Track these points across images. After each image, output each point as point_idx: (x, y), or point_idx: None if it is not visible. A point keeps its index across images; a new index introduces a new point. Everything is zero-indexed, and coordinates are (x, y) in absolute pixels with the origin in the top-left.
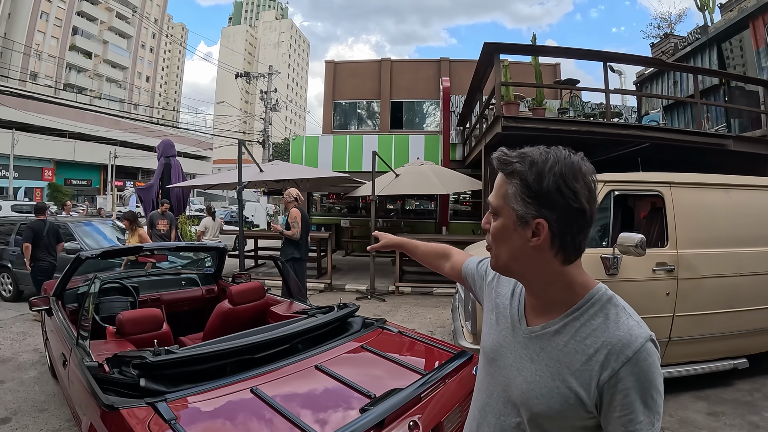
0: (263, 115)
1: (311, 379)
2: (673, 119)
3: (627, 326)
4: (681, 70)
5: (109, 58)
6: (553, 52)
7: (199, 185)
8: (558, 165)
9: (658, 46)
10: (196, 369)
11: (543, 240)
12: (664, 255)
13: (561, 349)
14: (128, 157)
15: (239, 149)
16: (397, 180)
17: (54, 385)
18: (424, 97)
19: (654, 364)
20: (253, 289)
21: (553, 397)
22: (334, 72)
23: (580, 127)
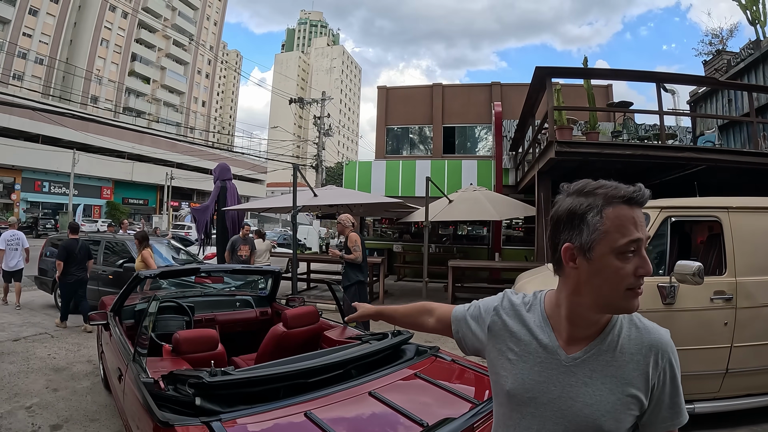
0: (316, 140)
1: (365, 405)
2: (729, 139)
3: (655, 329)
4: (735, 88)
5: (166, 83)
6: (604, 74)
7: (254, 208)
8: None
9: (710, 64)
10: (250, 391)
11: None
12: (722, 283)
13: (611, 365)
14: (184, 179)
15: (294, 173)
16: (450, 206)
17: (106, 396)
18: (475, 122)
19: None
20: (308, 314)
21: (618, 410)
22: (387, 97)
23: (634, 150)
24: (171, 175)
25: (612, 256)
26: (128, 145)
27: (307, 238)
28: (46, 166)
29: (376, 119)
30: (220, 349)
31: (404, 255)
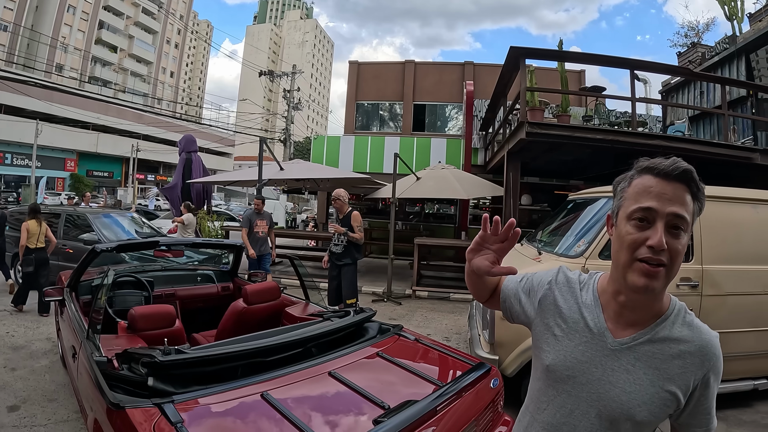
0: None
1: (324, 386)
2: (698, 130)
3: (706, 331)
4: (709, 80)
5: (134, 52)
6: (579, 58)
7: (220, 181)
8: None
9: (684, 56)
10: (206, 370)
11: None
12: (689, 270)
13: (657, 357)
14: (150, 151)
15: (260, 147)
16: (418, 183)
17: (65, 375)
18: (447, 101)
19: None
20: (269, 289)
21: (654, 402)
22: (358, 73)
23: (605, 135)
24: (137, 147)
25: (625, 220)
26: (93, 115)
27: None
28: (8, 137)
29: (346, 95)
30: (178, 326)
31: (371, 232)
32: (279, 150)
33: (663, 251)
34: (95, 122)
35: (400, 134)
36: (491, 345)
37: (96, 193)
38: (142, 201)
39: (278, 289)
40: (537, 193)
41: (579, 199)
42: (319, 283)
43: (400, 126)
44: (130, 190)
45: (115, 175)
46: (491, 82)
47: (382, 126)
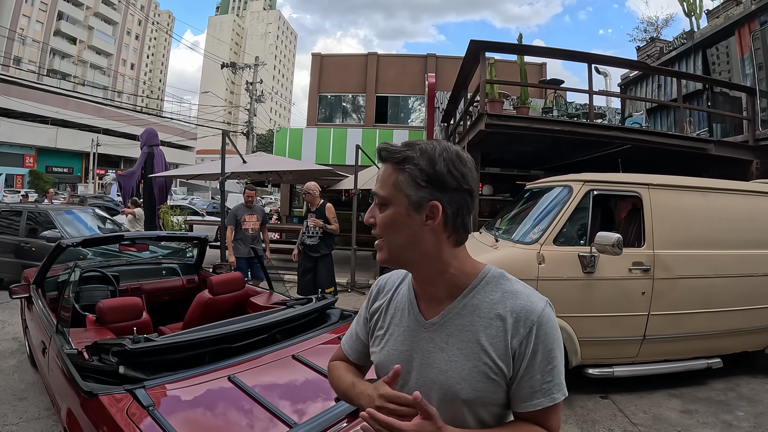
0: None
1: (288, 369)
2: (656, 122)
3: (525, 295)
4: (665, 74)
5: (94, 44)
6: (539, 51)
7: (182, 175)
8: (446, 152)
9: (643, 50)
10: (174, 357)
11: (438, 222)
12: (641, 255)
13: (468, 329)
14: (111, 146)
15: (223, 139)
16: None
17: (33, 374)
18: (409, 93)
19: (555, 325)
20: (234, 280)
21: (474, 377)
22: (321, 65)
23: (563, 126)
24: (97, 142)
25: None
26: (52, 109)
27: None
28: None
29: (309, 87)
30: (145, 318)
31: None
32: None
33: (373, 225)
34: (54, 116)
35: (363, 126)
36: None
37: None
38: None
39: (243, 280)
40: (498, 183)
41: (535, 188)
42: (284, 274)
43: (362, 118)
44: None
45: (75, 170)
46: (453, 74)
47: (345, 118)
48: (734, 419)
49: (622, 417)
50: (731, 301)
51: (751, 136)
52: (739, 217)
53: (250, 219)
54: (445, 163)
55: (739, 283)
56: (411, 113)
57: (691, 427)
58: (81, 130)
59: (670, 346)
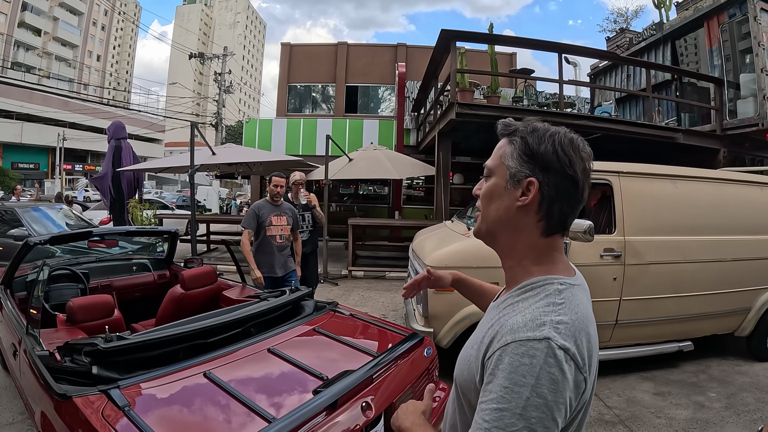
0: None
1: (264, 363)
2: (625, 112)
3: (533, 314)
4: (634, 64)
5: (59, 35)
6: (509, 41)
7: (151, 168)
8: (558, 134)
9: (613, 41)
10: (148, 355)
11: (531, 200)
12: (612, 241)
13: (487, 324)
14: (77, 140)
15: (191, 131)
16: (350, 164)
17: (5, 378)
18: (379, 82)
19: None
20: (206, 274)
21: (464, 365)
22: (290, 55)
23: (533, 115)
24: (63, 136)
25: None
26: (16, 103)
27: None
28: None
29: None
30: (117, 315)
31: None
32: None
33: (477, 198)
34: (19, 111)
35: (333, 116)
36: (425, 318)
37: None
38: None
39: (215, 274)
40: (469, 172)
41: None
42: None
43: (332, 108)
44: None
45: (41, 166)
46: (424, 63)
47: (315, 108)
48: (706, 400)
49: (596, 400)
50: (701, 285)
51: (718, 125)
52: (708, 204)
53: (278, 222)
54: (553, 143)
55: (708, 269)
56: (381, 103)
57: (664, 408)
58: (47, 125)
59: (642, 331)
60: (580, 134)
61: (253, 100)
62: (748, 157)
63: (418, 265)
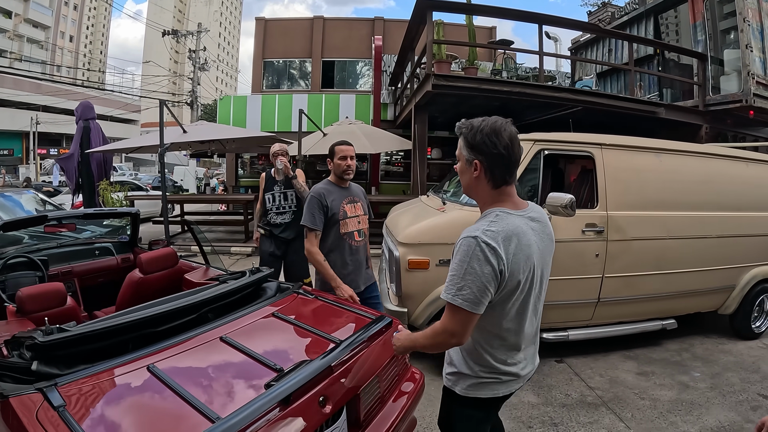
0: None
1: (215, 353)
2: (606, 86)
3: (475, 226)
4: (617, 36)
5: (30, 17)
6: (488, 11)
7: (121, 149)
8: (485, 127)
9: (595, 15)
10: (93, 347)
11: (479, 173)
12: (594, 216)
13: None
14: (51, 123)
15: (161, 109)
16: (324, 139)
17: None
18: (357, 57)
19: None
20: (165, 256)
21: None
22: (265, 30)
23: (512, 87)
24: (36, 120)
25: None
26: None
27: (184, 180)
28: None
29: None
30: (71, 304)
31: None
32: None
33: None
34: None
35: (309, 91)
36: (399, 297)
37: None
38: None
39: (175, 255)
40: (448, 146)
41: None
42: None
43: (309, 83)
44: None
45: (15, 152)
46: (401, 37)
47: (292, 84)
48: (690, 380)
49: (578, 381)
50: (685, 262)
51: (701, 101)
52: (693, 179)
53: (353, 212)
54: (481, 134)
55: (693, 245)
56: (359, 78)
57: (648, 389)
58: (19, 109)
59: (625, 308)
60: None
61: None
62: (730, 133)
63: (391, 243)
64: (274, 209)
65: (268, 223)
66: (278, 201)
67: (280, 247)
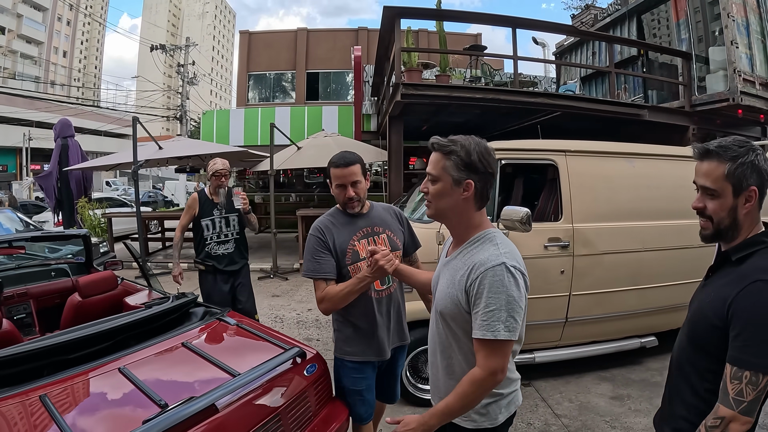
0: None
1: (108, 384)
2: (591, 90)
3: (483, 251)
4: (594, 38)
5: (23, 33)
6: (458, 16)
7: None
8: (478, 146)
9: (578, 18)
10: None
11: (470, 194)
12: (558, 230)
13: (454, 267)
14: (45, 139)
15: (134, 125)
16: (298, 153)
17: None
18: (341, 68)
19: (501, 280)
20: (104, 279)
21: (447, 299)
22: (249, 43)
23: (485, 94)
24: (29, 136)
25: None
26: None
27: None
28: None
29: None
30: (7, 327)
31: (265, 206)
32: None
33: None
34: None
35: (292, 104)
36: None
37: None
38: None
39: (114, 279)
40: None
41: None
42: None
43: (293, 96)
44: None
45: (9, 168)
46: None
47: (276, 97)
48: None
49: (544, 407)
50: (663, 275)
51: (687, 101)
52: (670, 184)
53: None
54: (477, 153)
55: (672, 257)
56: (345, 89)
57: (621, 416)
58: (12, 125)
59: (598, 327)
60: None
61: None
62: (719, 134)
63: None
64: (214, 238)
65: (208, 255)
66: (219, 227)
67: (228, 281)
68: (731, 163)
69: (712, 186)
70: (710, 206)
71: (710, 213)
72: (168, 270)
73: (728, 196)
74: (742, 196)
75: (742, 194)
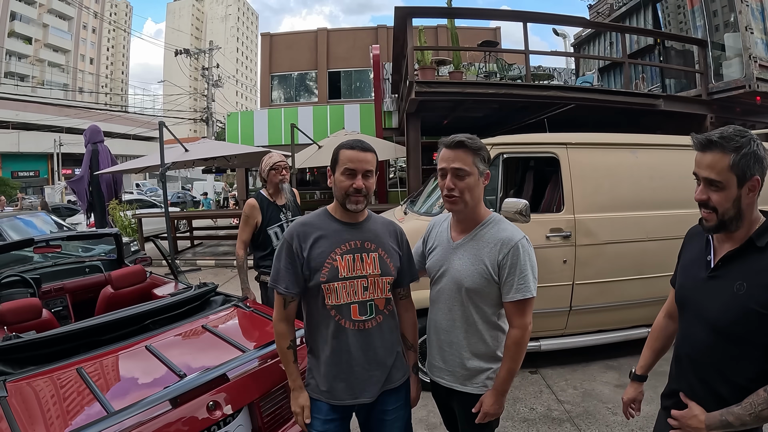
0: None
1: (136, 359)
2: (609, 80)
3: (509, 229)
4: (605, 28)
5: (50, 42)
6: (468, 13)
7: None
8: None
9: (594, 8)
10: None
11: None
12: (560, 220)
13: (475, 247)
14: (75, 144)
15: (160, 129)
16: (319, 152)
17: None
18: (363, 66)
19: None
20: (134, 273)
21: (473, 275)
22: (271, 45)
23: (498, 89)
24: (60, 142)
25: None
26: (11, 113)
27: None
28: None
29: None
30: (47, 316)
31: None
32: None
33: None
34: (15, 120)
35: (315, 103)
36: None
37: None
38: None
39: (143, 272)
40: None
41: None
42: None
43: (316, 95)
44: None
45: (41, 173)
46: None
47: (299, 96)
48: None
49: (548, 393)
50: (670, 266)
51: (704, 89)
52: (674, 174)
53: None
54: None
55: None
56: (367, 87)
57: None
58: (43, 132)
59: (603, 316)
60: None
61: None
62: (739, 122)
63: None
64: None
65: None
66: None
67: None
68: (735, 154)
69: (717, 178)
70: (714, 198)
71: (714, 204)
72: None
73: (733, 187)
74: (746, 186)
75: (746, 184)
